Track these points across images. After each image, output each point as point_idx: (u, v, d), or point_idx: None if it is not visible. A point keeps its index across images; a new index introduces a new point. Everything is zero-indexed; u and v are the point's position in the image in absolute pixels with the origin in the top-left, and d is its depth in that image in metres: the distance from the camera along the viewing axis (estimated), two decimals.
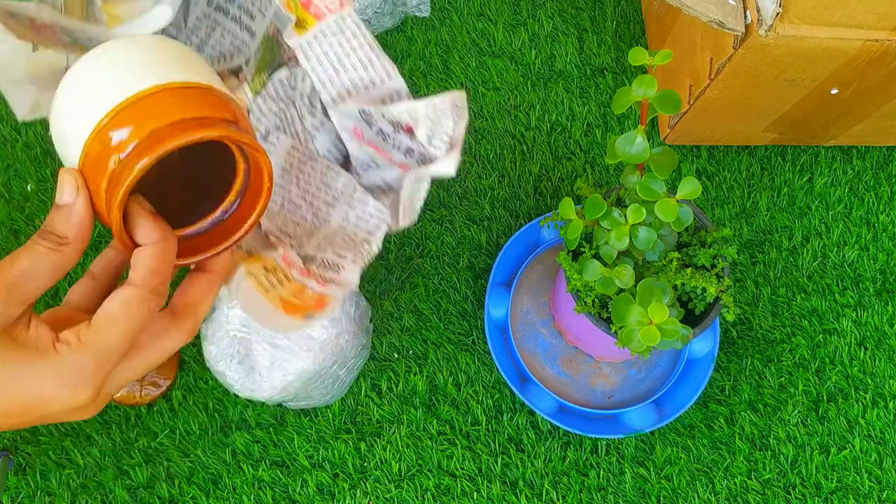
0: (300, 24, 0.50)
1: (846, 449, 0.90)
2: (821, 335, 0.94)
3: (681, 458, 0.88)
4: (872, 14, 0.70)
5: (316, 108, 0.54)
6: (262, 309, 0.43)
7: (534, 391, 0.85)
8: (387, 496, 0.85)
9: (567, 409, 0.86)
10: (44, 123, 0.93)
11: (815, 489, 0.88)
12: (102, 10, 0.47)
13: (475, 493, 0.85)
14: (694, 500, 0.87)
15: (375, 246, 0.51)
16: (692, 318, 0.71)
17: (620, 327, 0.61)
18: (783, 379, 0.92)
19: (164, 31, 0.49)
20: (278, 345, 0.70)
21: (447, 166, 0.47)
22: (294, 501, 0.84)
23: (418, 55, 0.99)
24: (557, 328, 0.88)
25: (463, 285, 0.92)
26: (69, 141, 0.36)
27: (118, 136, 0.34)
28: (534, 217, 0.92)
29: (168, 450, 0.84)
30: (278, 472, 0.84)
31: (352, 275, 0.49)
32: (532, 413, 0.88)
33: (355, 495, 0.84)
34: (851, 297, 0.95)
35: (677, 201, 0.61)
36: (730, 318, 0.66)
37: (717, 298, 0.69)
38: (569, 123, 0.99)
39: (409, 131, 0.51)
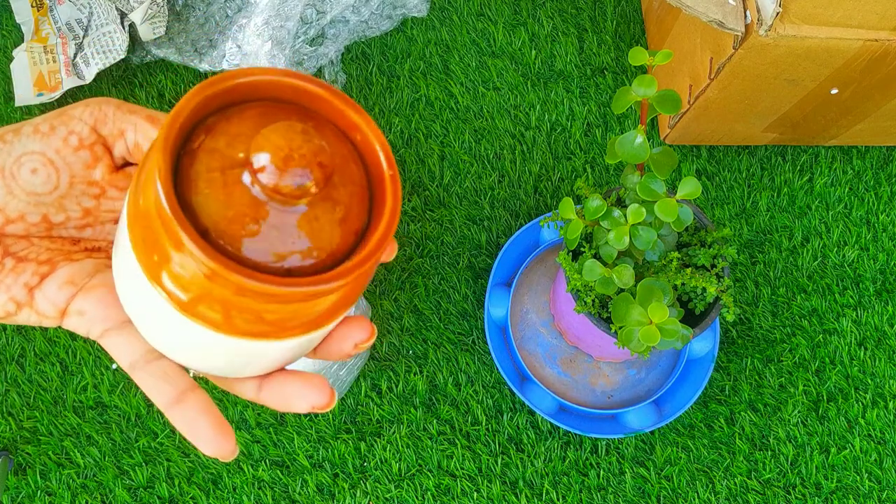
0: None
1: (846, 449, 0.90)
2: (821, 335, 0.94)
3: (681, 458, 0.88)
4: (872, 14, 0.70)
5: None
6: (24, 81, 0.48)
7: (534, 391, 0.85)
8: (387, 496, 0.85)
9: (567, 408, 0.86)
10: None
11: (815, 489, 0.88)
12: None
13: (475, 493, 0.85)
14: (694, 500, 0.87)
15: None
16: (692, 318, 0.71)
17: (620, 327, 0.61)
18: (783, 379, 0.92)
19: None
20: None
21: None
22: (294, 501, 0.84)
23: (418, 55, 0.99)
24: (557, 328, 0.88)
25: (463, 285, 0.92)
26: None
27: None
28: (534, 217, 0.92)
29: (168, 450, 0.84)
30: (278, 472, 0.84)
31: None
32: (532, 413, 0.88)
33: (355, 495, 0.84)
34: (851, 297, 0.95)
35: (677, 201, 0.61)
36: (730, 318, 0.66)
37: (717, 298, 0.69)
38: (569, 123, 0.99)
39: None
